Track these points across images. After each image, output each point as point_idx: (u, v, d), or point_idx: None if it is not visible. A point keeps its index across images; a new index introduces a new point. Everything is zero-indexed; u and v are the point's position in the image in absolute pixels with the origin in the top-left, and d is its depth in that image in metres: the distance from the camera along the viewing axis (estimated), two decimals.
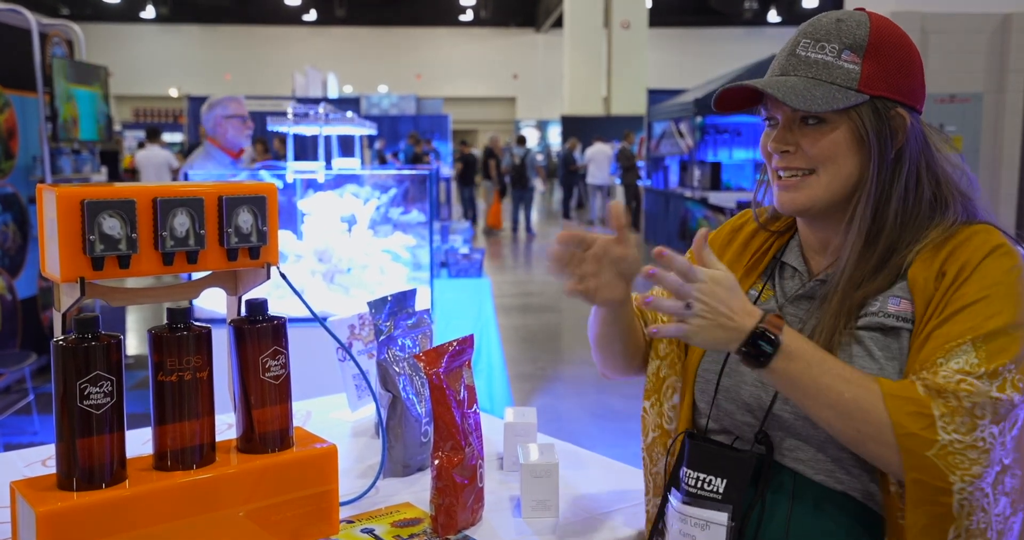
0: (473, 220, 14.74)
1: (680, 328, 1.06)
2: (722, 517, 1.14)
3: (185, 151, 12.52)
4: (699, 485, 1.17)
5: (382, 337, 1.53)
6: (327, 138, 3.42)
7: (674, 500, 1.20)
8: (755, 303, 1.25)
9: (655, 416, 1.33)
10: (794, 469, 1.15)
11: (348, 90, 23.62)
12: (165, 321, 1.16)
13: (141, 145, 13.20)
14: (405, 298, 1.60)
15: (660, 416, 1.32)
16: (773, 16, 25.31)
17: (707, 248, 1.09)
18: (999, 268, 1.09)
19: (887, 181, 1.15)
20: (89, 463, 1.09)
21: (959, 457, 1.00)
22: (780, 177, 1.19)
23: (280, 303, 2.82)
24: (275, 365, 1.23)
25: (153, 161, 11.27)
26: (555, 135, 24.38)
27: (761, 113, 1.23)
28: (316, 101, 5.92)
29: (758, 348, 1.04)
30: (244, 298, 1.29)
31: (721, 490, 1.15)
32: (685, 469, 1.19)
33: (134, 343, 6.29)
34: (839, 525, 1.12)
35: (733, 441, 1.22)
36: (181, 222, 1.16)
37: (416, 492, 1.46)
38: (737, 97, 1.21)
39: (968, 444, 1.00)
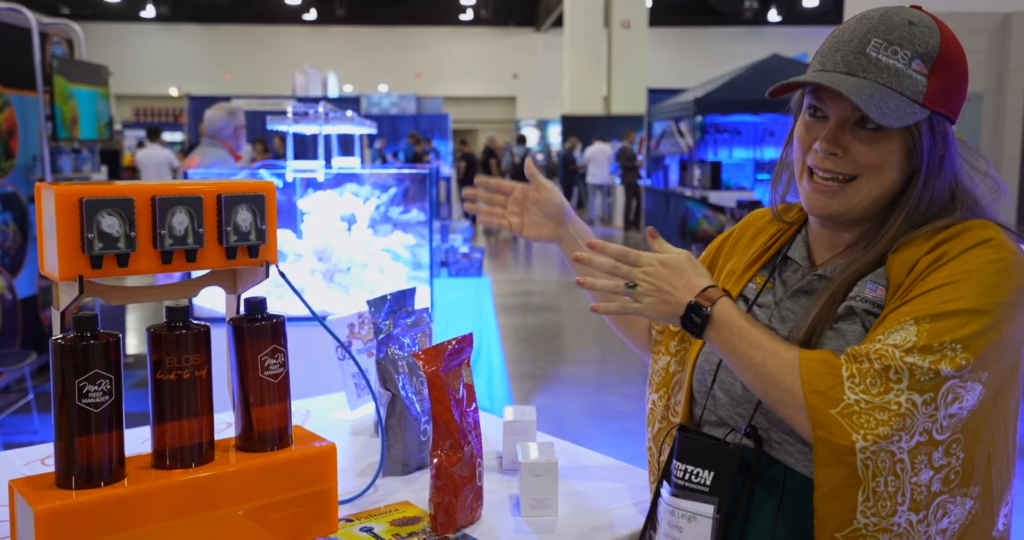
0: (473, 219, 14.74)
1: (626, 306, 1.18)
2: (708, 509, 1.15)
3: (186, 150, 12.51)
4: (687, 477, 1.18)
5: (381, 336, 1.53)
6: (327, 137, 3.42)
7: (665, 493, 1.21)
8: (755, 297, 1.26)
9: (662, 408, 1.38)
10: (783, 462, 1.16)
11: (348, 89, 23.60)
12: (164, 320, 1.16)
13: (141, 144, 13.19)
14: (404, 297, 1.60)
15: (667, 409, 1.37)
16: (773, 16, 25.29)
17: (658, 238, 1.21)
18: (977, 258, 1.08)
19: (926, 194, 1.14)
20: (88, 461, 1.09)
21: (865, 416, 1.01)
22: (819, 178, 1.17)
23: (280, 302, 2.82)
24: (274, 363, 1.23)
25: (154, 160, 11.27)
26: (555, 134, 24.37)
27: (800, 99, 1.21)
28: (316, 100, 5.92)
29: (691, 319, 1.14)
30: (243, 297, 1.29)
31: (708, 482, 1.16)
32: (675, 462, 1.20)
33: (134, 342, 6.29)
34: None
35: (728, 433, 1.23)
36: (180, 221, 1.16)
37: (415, 491, 1.46)
38: (791, 84, 1.18)
39: (876, 405, 1.01)
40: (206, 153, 4.57)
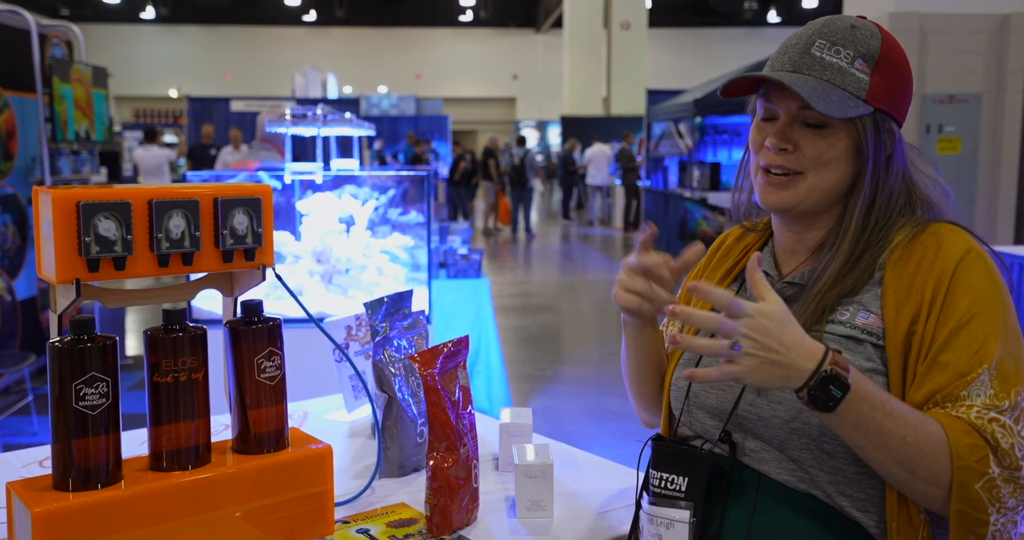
0: (457, 219, 14.78)
1: (728, 370, 0.99)
2: (684, 515, 1.16)
3: (188, 153, 12.46)
4: (663, 485, 1.19)
5: (378, 338, 1.53)
6: (325, 139, 3.42)
7: (644, 502, 1.22)
8: None
9: None
10: (758, 469, 1.17)
11: (348, 91, 23.63)
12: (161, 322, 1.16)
13: (142, 145, 13.18)
14: (401, 299, 1.60)
15: None
16: (773, 16, 25.30)
17: (759, 273, 1.02)
18: (977, 274, 1.12)
19: (877, 191, 1.18)
20: (85, 464, 1.09)
21: (1004, 489, 1.03)
22: (769, 173, 1.20)
23: (278, 303, 2.82)
24: (270, 366, 1.23)
25: (152, 161, 11.27)
26: (555, 136, 24.38)
27: (755, 104, 1.24)
28: (316, 102, 5.92)
29: (827, 392, 0.99)
30: (240, 299, 1.29)
31: (683, 488, 1.17)
32: (652, 471, 1.21)
33: (133, 344, 6.29)
34: (801, 524, 1.13)
35: (702, 445, 1.24)
36: (176, 224, 1.16)
37: (411, 492, 1.46)
38: (742, 84, 1.22)
39: (1008, 477, 1.03)
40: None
